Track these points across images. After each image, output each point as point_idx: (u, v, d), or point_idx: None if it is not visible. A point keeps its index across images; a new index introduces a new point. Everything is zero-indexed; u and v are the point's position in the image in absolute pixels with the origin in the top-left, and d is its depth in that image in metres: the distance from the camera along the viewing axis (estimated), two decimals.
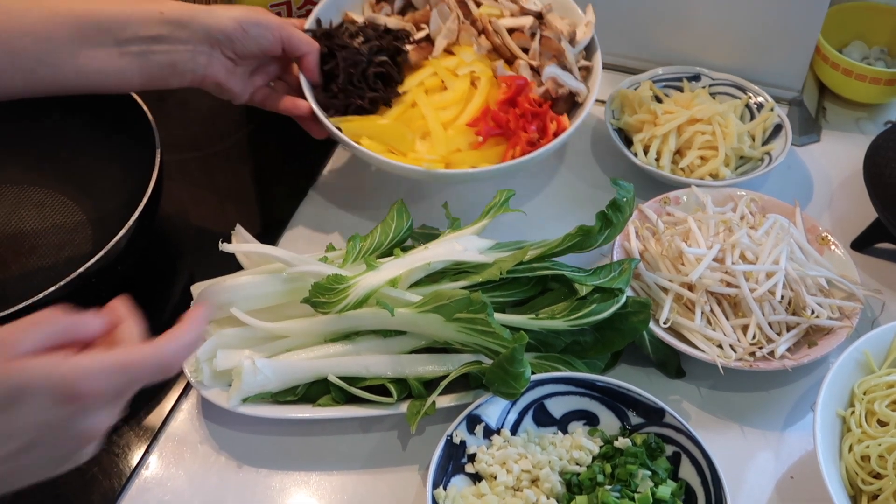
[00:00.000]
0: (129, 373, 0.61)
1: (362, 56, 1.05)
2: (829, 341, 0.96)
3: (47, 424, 0.59)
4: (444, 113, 1.06)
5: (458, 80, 1.08)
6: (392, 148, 1.04)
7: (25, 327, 0.60)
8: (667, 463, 0.87)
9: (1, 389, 0.57)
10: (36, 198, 1.14)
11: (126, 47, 0.94)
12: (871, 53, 1.30)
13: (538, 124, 1.04)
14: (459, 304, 0.87)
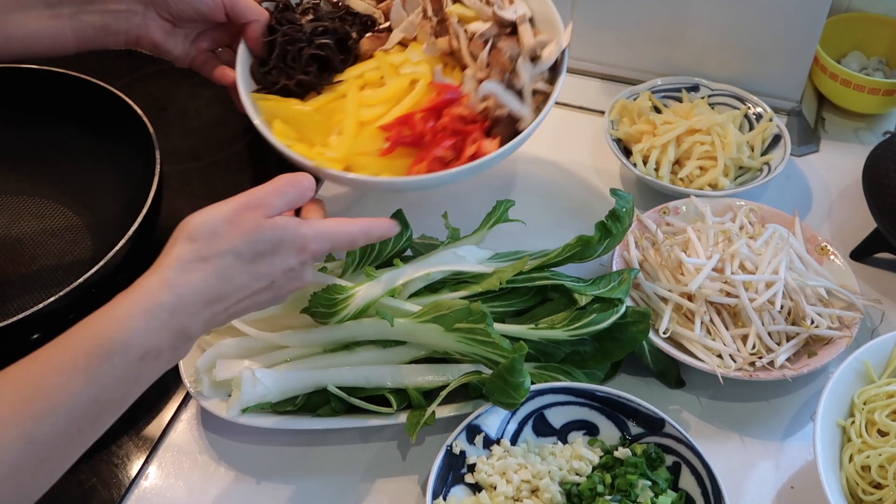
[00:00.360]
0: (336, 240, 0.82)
1: (302, 34, 0.99)
2: (829, 351, 0.96)
3: (284, 268, 0.78)
4: (369, 111, 0.98)
5: (398, 78, 0.99)
6: (304, 137, 0.97)
7: (276, 192, 0.78)
8: (667, 473, 0.87)
9: (266, 239, 0.76)
10: (35, 208, 1.14)
11: (57, 10, 0.93)
12: (869, 64, 1.30)
13: (457, 142, 0.94)
14: (459, 315, 0.87)
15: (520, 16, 1.01)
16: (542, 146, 1.26)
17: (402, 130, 0.94)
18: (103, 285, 0.93)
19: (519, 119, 0.96)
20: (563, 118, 1.31)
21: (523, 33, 1.00)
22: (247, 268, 0.75)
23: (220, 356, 0.91)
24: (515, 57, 0.97)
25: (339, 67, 1.00)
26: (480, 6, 1.02)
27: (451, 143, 0.92)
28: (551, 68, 0.99)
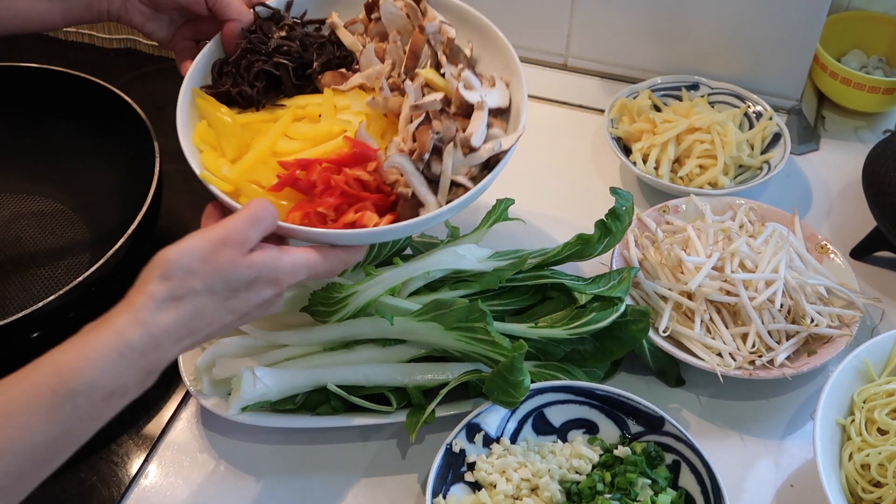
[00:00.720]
0: (313, 271, 0.80)
1: (261, 47, 0.95)
2: (829, 350, 0.96)
3: (258, 302, 0.77)
4: (287, 143, 0.91)
5: (331, 121, 0.92)
6: (219, 146, 0.91)
7: (252, 223, 0.77)
8: (666, 471, 0.87)
9: (243, 277, 0.75)
10: (35, 207, 1.14)
11: None
12: (869, 62, 1.30)
13: (341, 205, 0.86)
14: (459, 313, 0.87)
15: (479, 102, 0.90)
16: (541, 144, 1.26)
17: (298, 173, 0.87)
18: (102, 284, 0.93)
19: (423, 205, 0.87)
20: (563, 117, 1.31)
21: (474, 120, 0.90)
22: (220, 304, 0.74)
23: (219, 355, 0.91)
24: (448, 140, 0.88)
25: (289, 91, 0.96)
26: (451, 79, 0.92)
27: (337, 204, 0.85)
28: (487, 165, 0.89)
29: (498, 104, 0.93)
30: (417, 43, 0.94)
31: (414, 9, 0.97)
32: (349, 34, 0.99)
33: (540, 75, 1.36)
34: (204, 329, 0.74)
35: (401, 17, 0.97)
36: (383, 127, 0.93)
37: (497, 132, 0.91)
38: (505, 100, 0.94)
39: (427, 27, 0.94)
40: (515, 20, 1.34)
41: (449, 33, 0.95)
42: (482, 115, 0.90)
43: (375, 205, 0.86)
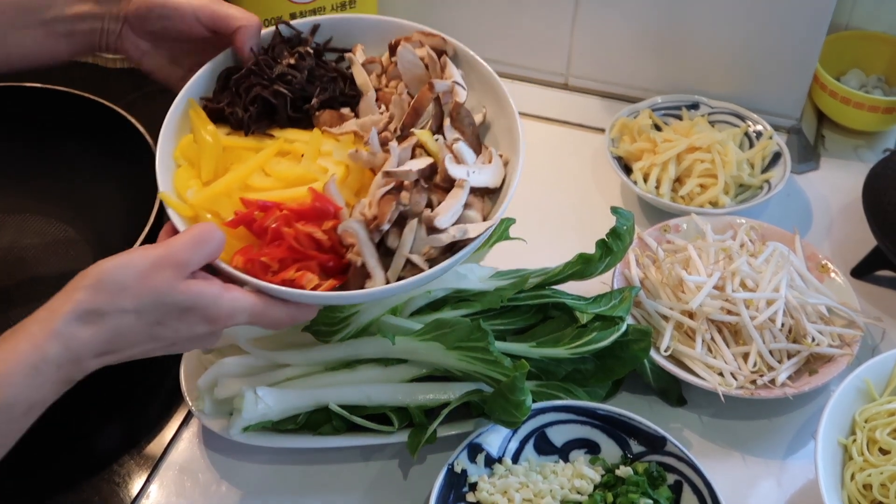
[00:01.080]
0: (258, 320, 0.77)
1: (266, 71, 0.91)
2: (830, 369, 0.96)
3: (189, 336, 0.74)
4: (261, 179, 0.87)
5: (310, 165, 0.87)
6: (197, 163, 0.88)
7: (195, 246, 0.73)
8: (668, 492, 0.87)
9: (176, 304, 0.71)
10: (38, 225, 1.14)
11: (52, 27, 0.93)
12: (868, 82, 1.30)
13: (285, 259, 0.80)
14: (460, 333, 0.87)
15: (460, 180, 0.83)
16: (542, 164, 1.26)
17: (256, 214, 0.82)
18: None
19: (368, 275, 0.81)
20: (564, 136, 1.31)
21: (449, 199, 0.84)
22: (146, 328, 0.72)
23: (221, 375, 0.91)
24: (413, 215, 0.82)
25: (282, 122, 0.91)
26: (443, 147, 0.86)
27: (282, 256, 0.80)
28: (450, 248, 0.82)
29: (486, 184, 0.85)
30: (422, 100, 0.88)
31: (434, 61, 0.92)
32: (363, 73, 0.94)
33: (541, 94, 1.37)
34: (126, 349, 0.72)
35: (418, 67, 0.92)
36: (362, 182, 0.86)
37: (473, 215, 0.84)
38: (496, 180, 0.86)
39: (437, 85, 0.88)
40: (517, 39, 1.34)
41: (459, 97, 0.89)
42: (459, 195, 0.83)
43: (325, 265, 0.81)
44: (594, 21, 1.28)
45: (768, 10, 1.19)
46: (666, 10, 1.24)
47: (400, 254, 0.81)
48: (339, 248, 0.82)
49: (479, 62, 0.93)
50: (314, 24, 0.96)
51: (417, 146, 0.86)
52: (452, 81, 0.89)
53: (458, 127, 0.89)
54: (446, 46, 0.93)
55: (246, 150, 0.89)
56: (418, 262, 0.81)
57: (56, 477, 0.92)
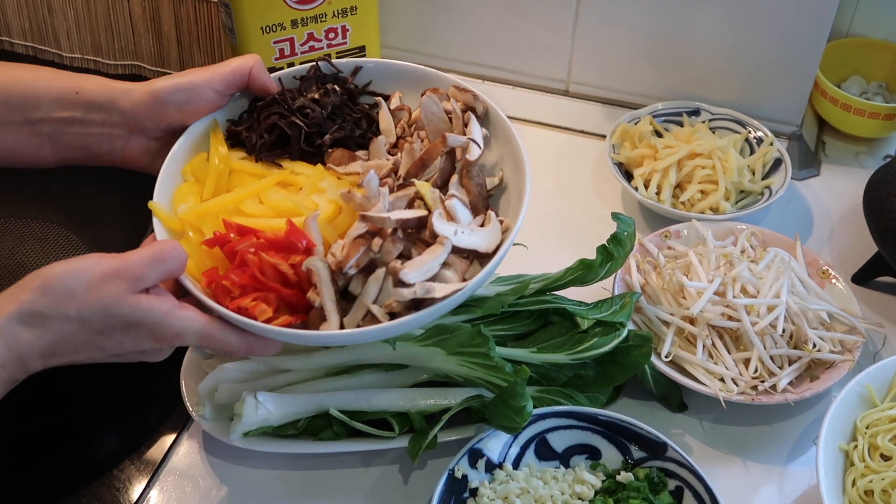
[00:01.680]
0: (209, 344, 0.77)
1: (287, 101, 0.92)
2: (831, 375, 0.95)
3: (133, 349, 0.74)
4: (253, 205, 0.87)
5: (304, 198, 0.88)
6: (201, 180, 0.89)
7: (152, 263, 0.73)
8: (669, 497, 0.87)
9: (122, 317, 0.71)
10: (39, 232, 1.14)
11: (37, 127, 0.89)
12: (869, 88, 1.31)
13: (246, 287, 0.79)
14: (461, 338, 0.87)
15: (442, 237, 0.80)
16: (543, 170, 1.26)
17: (231, 238, 0.82)
18: None
19: (326, 319, 0.79)
20: (565, 142, 1.31)
21: (425, 254, 0.81)
22: (90, 338, 0.72)
23: (222, 380, 0.91)
24: (383, 264, 0.80)
25: (294, 154, 0.92)
26: (437, 201, 0.84)
27: (243, 283, 0.79)
28: (417, 305, 0.79)
29: (474, 246, 0.82)
30: (432, 152, 0.87)
31: (458, 116, 0.91)
32: (389, 118, 0.94)
33: (542, 101, 1.37)
34: (69, 354, 0.72)
35: (441, 119, 0.91)
36: (349, 224, 0.84)
37: (449, 275, 0.81)
38: (489, 245, 0.83)
39: (450, 139, 0.86)
40: (518, 46, 1.35)
41: (471, 155, 0.87)
42: (438, 253, 0.80)
43: (289, 300, 0.80)
44: (595, 28, 1.28)
45: (769, 17, 1.19)
46: (666, 17, 1.24)
47: (360, 301, 0.80)
48: (305, 286, 0.81)
49: (506, 125, 0.92)
50: (356, 66, 0.98)
51: (417, 197, 0.85)
52: (468, 138, 0.88)
53: (466, 184, 0.87)
54: (476, 103, 0.93)
55: (251, 176, 0.90)
56: (377, 314, 0.79)
57: (56, 482, 0.92)
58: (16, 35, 1.43)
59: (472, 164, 0.87)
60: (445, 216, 0.82)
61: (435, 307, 0.78)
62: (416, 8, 1.35)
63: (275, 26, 1.17)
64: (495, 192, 0.91)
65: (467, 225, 0.84)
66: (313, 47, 1.20)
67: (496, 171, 0.92)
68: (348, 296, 0.81)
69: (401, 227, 0.81)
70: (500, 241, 0.84)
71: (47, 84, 0.89)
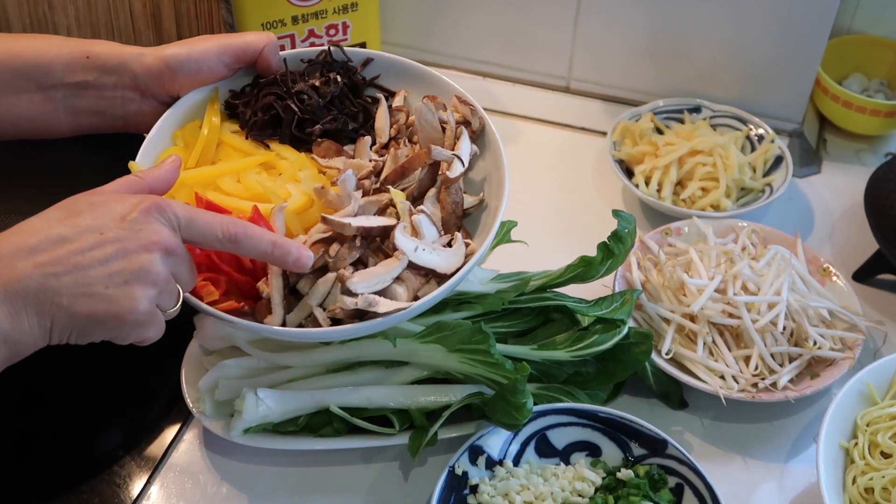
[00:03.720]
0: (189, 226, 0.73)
1: (285, 85, 0.92)
2: (832, 372, 0.95)
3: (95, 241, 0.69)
4: (230, 182, 0.88)
5: (276, 184, 0.88)
6: (190, 146, 0.91)
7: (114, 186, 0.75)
8: (670, 495, 0.87)
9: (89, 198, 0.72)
10: None
11: (50, 93, 0.90)
12: (870, 86, 1.30)
13: (199, 266, 0.78)
14: (462, 335, 0.87)
15: (398, 252, 0.79)
16: (544, 167, 1.26)
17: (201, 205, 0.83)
18: None
19: (271, 313, 0.80)
20: (565, 139, 1.31)
21: (379, 266, 0.80)
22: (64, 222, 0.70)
23: (222, 376, 0.91)
24: (334, 269, 0.79)
25: (284, 138, 0.92)
26: (405, 212, 0.83)
27: (197, 262, 0.78)
28: (361, 316, 0.78)
29: (433, 266, 0.80)
30: (414, 161, 0.86)
31: (452, 129, 0.90)
32: (385, 118, 0.94)
33: (542, 98, 1.37)
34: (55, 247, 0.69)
35: (434, 129, 0.90)
36: (318, 219, 0.82)
37: (399, 291, 0.80)
38: (449, 266, 0.82)
39: (434, 151, 0.85)
40: (519, 43, 1.35)
41: (451, 172, 0.86)
42: (392, 266, 0.79)
43: (241, 287, 0.80)
44: (596, 24, 1.28)
45: (770, 14, 1.19)
46: (667, 14, 1.24)
47: (305, 302, 0.80)
48: (259, 273, 0.81)
49: (498, 146, 0.91)
50: (367, 56, 0.98)
51: (391, 205, 0.84)
52: (453, 154, 0.87)
53: (443, 199, 0.86)
54: (473, 118, 0.93)
55: (237, 151, 0.91)
56: (319, 317, 0.78)
57: (56, 478, 0.92)
58: (16, 31, 1.43)
59: (452, 181, 0.86)
60: (410, 230, 0.82)
61: (376, 321, 0.78)
62: (417, 4, 1.34)
63: (275, 22, 1.17)
64: (474, 212, 0.90)
65: (430, 243, 0.82)
66: (314, 44, 1.20)
67: (481, 188, 0.92)
68: (296, 293, 0.81)
69: (362, 234, 0.80)
70: (461, 264, 0.82)
71: (58, 50, 0.90)
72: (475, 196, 0.91)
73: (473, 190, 0.92)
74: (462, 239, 0.84)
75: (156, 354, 1.02)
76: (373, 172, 0.88)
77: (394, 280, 0.79)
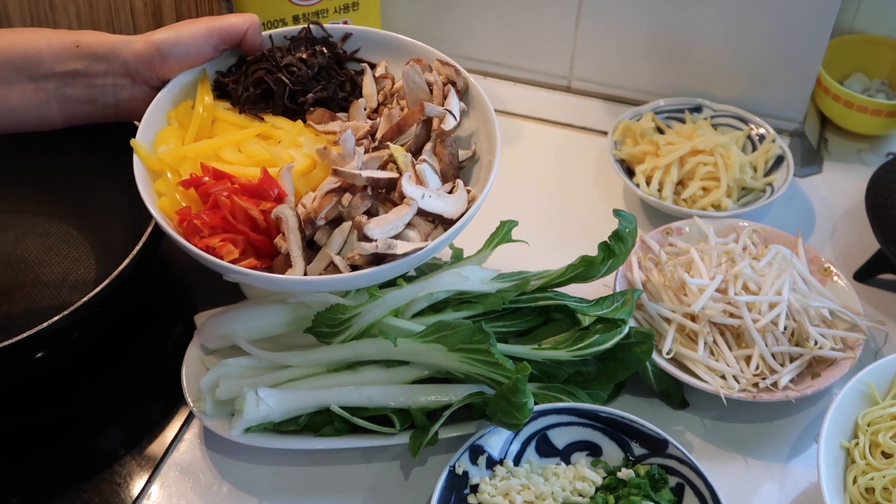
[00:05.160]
0: None
1: (275, 58, 0.94)
2: (833, 372, 0.95)
3: None
4: (233, 154, 0.91)
5: (279, 149, 0.91)
6: (184, 124, 0.93)
7: None
8: (670, 494, 0.87)
9: None
10: (40, 227, 1.14)
11: (41, 83, 0.91)
12: (871, 85, 1.30)
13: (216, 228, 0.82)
14: (462, 335, 0.87)
15: (409, 198, 0.83)
16: (545, 166, 1.26)
17: (206, 180, 0.85)
18: (107, 304, 0.93)
19: (292, 266, 0.82)
20: (567, 138, 1.31)
21: (392, 212, 0.83)
22: None
23: (223, 376, 0.91)
24: (350, 218, 0.82)
25: (277, 110, 0.95)
26: (408, 164, 0.87)
27: (213, 223, 0.81)
28: (378, 261, 0.82)
29: (440, 211, 0.84)
30: (409, 118, 0.90)
31: (439, 88, 0.94)
32: (372, 85, 0.97)
33: (544, 97, 1.37)
34: None
35: (422, 90, 0.94)
36: (322, 179, 0.87)
37: (412, 235, 0.83)
38: (454, 211, 0.85)
39: (427, 108, 0.89)
40: (520, 42, 1.35)
41: (446, 125, 0.90)
42: (403, 213, 0.82)
43: (257, 246, 0.82)
44: (597, 24, 1.28)
45: (772, 14, 1.19)
46: (669, 14, 1.24)
47: (324, 252, 0.82)
48: (273, 232, 0.84)
49: (484, 100, 0.95)
50: (346, 32, 1.01)
51: (391, 161, 0.88)
52: (445, 109, 0.91)
53: (439, 153, 0.90)
54: (458, 78, 0.96)
55: (233, 126, 0.94)
56: (339, 264, 0.81)
57: (57, 477, 0.92)
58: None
59: (446, 134, 0.90)
60: (415, 179, 0.85)
61: (395, 264, 0.81)
62: (418, 3, 1.34)
63: (276, 21, 1.17)
64: (468, 164, 0.94)
65: (435, 190, 0.86)
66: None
67: (471, 144, 0.95)
68: (314, 245, 0.84)
69: (371, 185, 0.83)
70: (465, 209, 0.87)
71: (47, 41, 0.91)
72: (467, 150, 0.94)
73: (463, 145, 0.95)
74: (463, 186, 0.88)
75: (156, 354, 1.02)
76: (370, 133, 0.92)
77: (406, 226, 0.83)
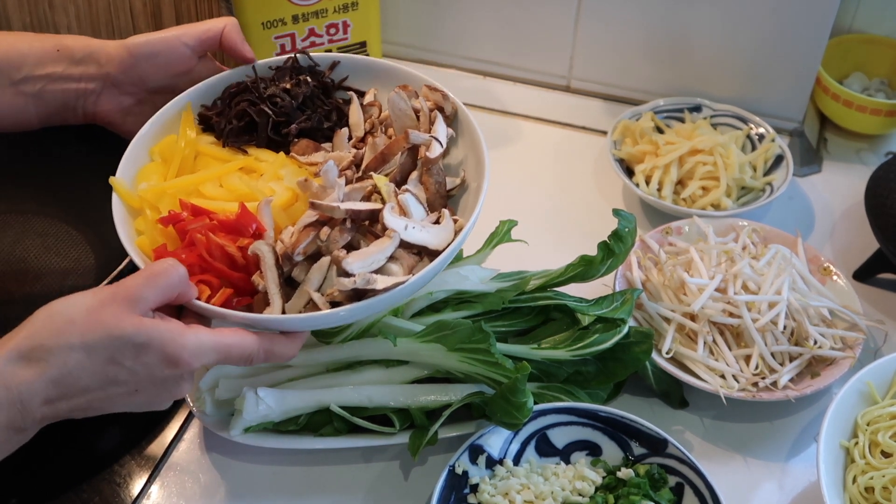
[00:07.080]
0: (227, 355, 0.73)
1: (256, 91, 0.93)
2: (832, 372, 0.95)
3: (151, 378, 0.70)
4: (212, 187, 0.88)
5: (261, 184, 0.88)
6: (168, 160, 0.91)
7: (144, 283, 0.70)
8: (670, 494, 0.87)
9: (127, 339, 0.67)
10: (40, 227, 1.14)
11: (21, 86, 0.91)
12: (871, 85, 1.30)
13: (193, 266, 0.78)
14: (462, 334, 0.87)
15: (390, 231, 0.79)
16: (544, 166, 1.26)
17: (185, 216, 0.82)
18: None
19: (269, 304, 0.79)
20: (566, 138, 1.31)
21: (371, 246, 0.80)
22: (99, 368, 0.67)
23: (222, 375, 0.91)
24: (328, 253, 0.79)
25: (260, 141, 0.93)
26: (391, 194, 0.84)
27: (189, 262, 0.78)
28: (359, 296, 0.78)
29: (423, 242, 0.81)
30: (393, 147, 0.88)
31: (426, 115, 0.91)
32: (359, 113, 0.94)
33: (543, 97, 1.37)
34: (78, 394, 0.68)
35: (408, 116, 0.91)
36: (304, 212, 0.83)
37: (394, 269, 0.80)
38: (439, 242, 0.82)
39: (412, 136, 0.87)
40: (520, 42, 1.35)
41: (432, 153, 0.87)
42: (385, 245, 0.79)
43: (236, 284, 0.80)
44: (597, 23, 1.28)
45: (771, 13, 1.19)
46: (668, 13, 1.24)
47: (303, 289, 0.80)
48: (252, 269, 0.81)
49: (473, 126, 0.92)
50: (334, 60, 0.99)
51: (375, 191, 0.85)
52: (430, 136, 0.88)
53: (425, 181, 0.87)
54: (445, 103, 0.93)
55: (216, 160, 0.92)
56: (318, 302, 0.78)
57: (57, 477, 0.92)
58: (16, 30, 1.43)
59: (432, 162, 0.87)
60: (397, 210, 0.82)
61: (376, 299, 0.77)
62: (418, 3, 1.34)
63: (276, 22, 1.17)
64: (457, 192, 0.91)
65: (419, 221, 0.83)
66: (314, 43, 1.20)
67: (459, 172, 0.92)
68: (292, 282, 0.82)
69: (351, 217, 0.81)
70: (451, 239, 0.83)
71: (30, 45, 0.92)
72: (456, 178, 0.91)
73: (453, 173, 0.93)
74: (449, 216, 0.85)
75: None
76: (353, 163, 0.89)
77: (388, 259, 0.80)
